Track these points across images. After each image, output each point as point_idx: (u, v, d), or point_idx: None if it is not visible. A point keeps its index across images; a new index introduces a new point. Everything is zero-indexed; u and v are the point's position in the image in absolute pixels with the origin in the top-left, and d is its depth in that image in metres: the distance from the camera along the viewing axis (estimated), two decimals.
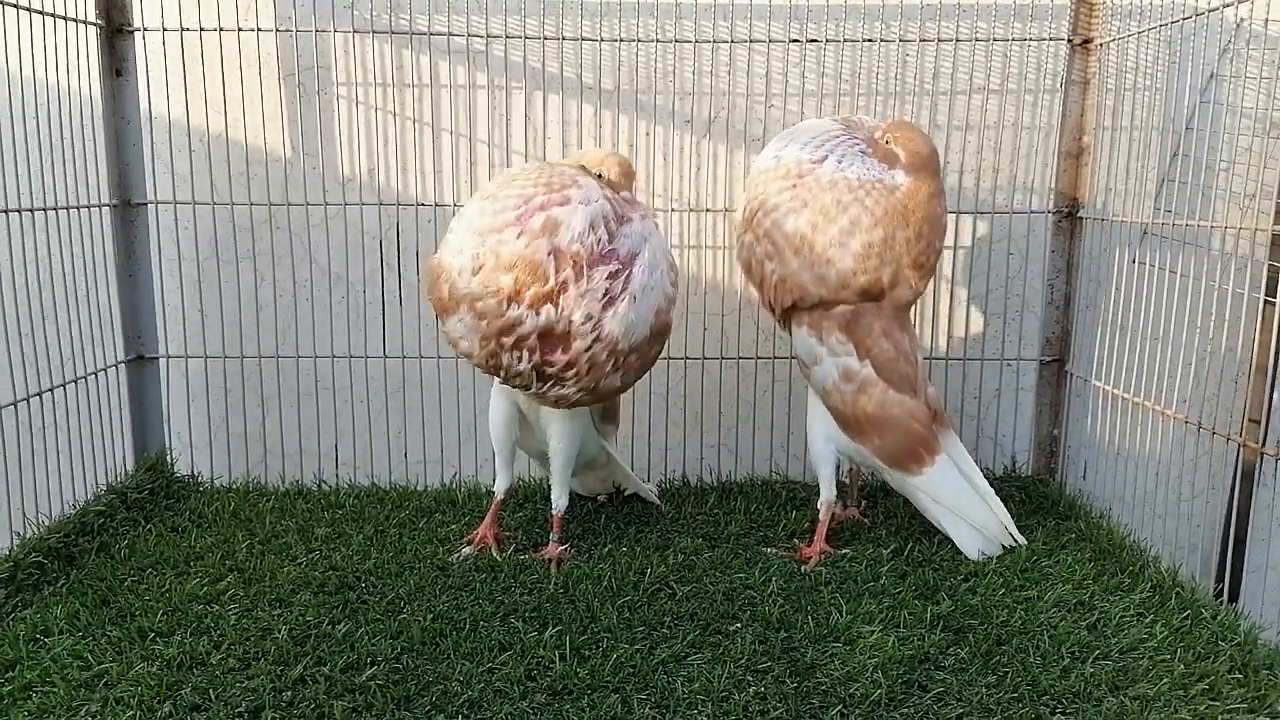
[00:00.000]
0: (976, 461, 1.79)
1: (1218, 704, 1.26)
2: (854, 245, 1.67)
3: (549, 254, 1.48)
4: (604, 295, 1.50)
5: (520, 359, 1.51)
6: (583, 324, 1.50)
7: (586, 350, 1.51)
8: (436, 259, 1.56)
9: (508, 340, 1.50)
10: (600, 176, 1.61)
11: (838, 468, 1.81)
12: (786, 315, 1.79)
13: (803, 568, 1.68)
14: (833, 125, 1.77)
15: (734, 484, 2.12)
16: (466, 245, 1.51)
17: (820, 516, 1.76)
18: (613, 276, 1.51)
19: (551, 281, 1.48)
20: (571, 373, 1.53)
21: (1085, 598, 1.55)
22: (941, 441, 1.74)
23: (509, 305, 1.48)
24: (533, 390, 1.57)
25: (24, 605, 1.51)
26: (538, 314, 1.49)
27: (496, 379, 1.62)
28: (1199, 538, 2.13)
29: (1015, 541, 1.75)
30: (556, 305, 1.49)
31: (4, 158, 1.66)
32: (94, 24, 1.91)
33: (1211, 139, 2.03)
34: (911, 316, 1.87)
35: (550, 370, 1.53)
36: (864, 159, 1.72)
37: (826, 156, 1.71)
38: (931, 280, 2.09)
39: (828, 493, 1.77)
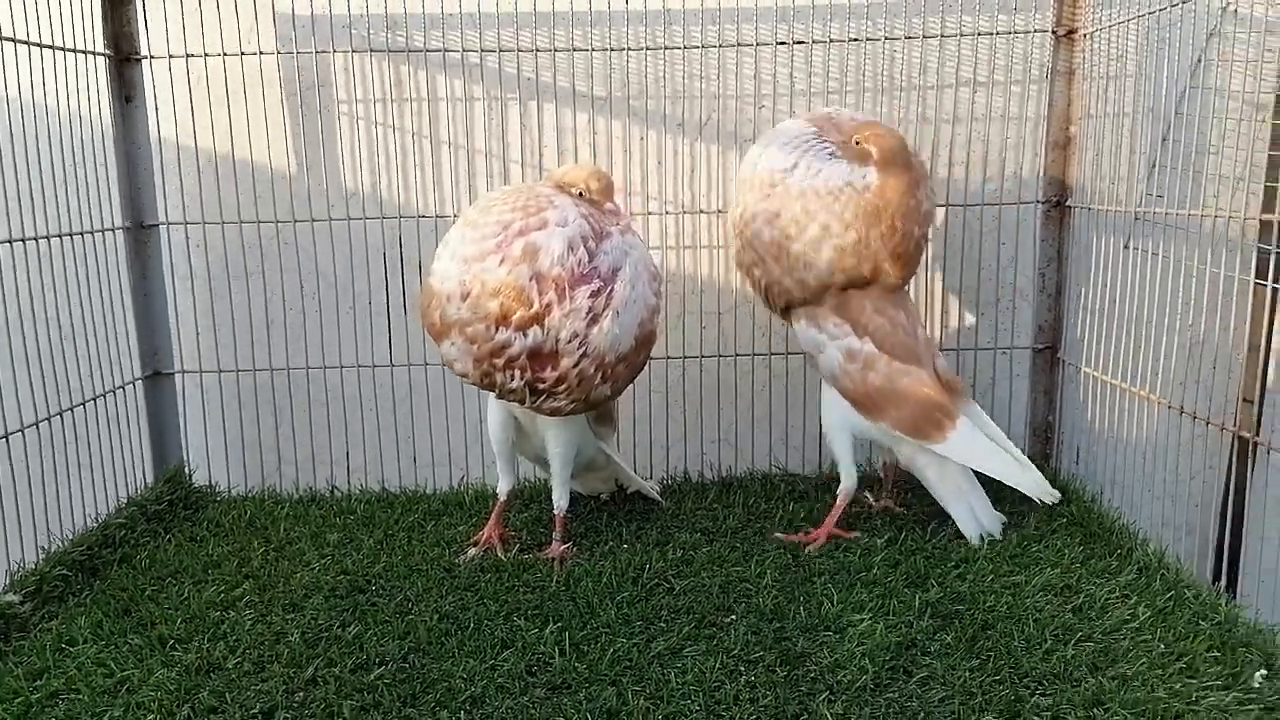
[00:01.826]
0: None
1: (1194, 681, 1.29)
2: (826, 251, 1.73)
3: (531, 279, 1.54)
4: (588, 313, 1.56)
5: (513, 377, 1.58)
6: (569, 342, 1.56)
7: (575, 366, 1.57)
8: (426, 285, 1.62)
9: (499, 361, 1.57)
10: (581, 194, 1.67)
11: (878, 461, 1.84)
12: (784, 313, 1.85)
13: (807, 549, 1.73)
14: (806, 128, 1.80)
15: (734, 479, 2.17)
16: (452, 273, 1.58)
17: (837, 501, 1.81)
18: (595, 294, 1.57)
19: (536, 305, 1.54)
20: (563, 387, 1.59)
21: (1072, 581, 1.59)
22: (961, 408, 1.78)
23: (497, 329, 1.55)
24: (527, 404, 1.63)
25: (50, 616, 1.58)
26: (525, 336, 1.55)
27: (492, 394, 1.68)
28: (1196, 519, 2.15)
29: (1053, 497, 1.79)
30: (543, 327, 1.55)
31: (19, 187, 1.73)
32: (103, 54, 1.98)
33: (1200, 124, 2.04)
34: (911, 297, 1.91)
35: (542, 386, 1.59)
36: (833, 161, 1.75)
37: (796, 164, 1.75)
38: (923, 269, 2.13)
39: (848, 481, 1.82)
